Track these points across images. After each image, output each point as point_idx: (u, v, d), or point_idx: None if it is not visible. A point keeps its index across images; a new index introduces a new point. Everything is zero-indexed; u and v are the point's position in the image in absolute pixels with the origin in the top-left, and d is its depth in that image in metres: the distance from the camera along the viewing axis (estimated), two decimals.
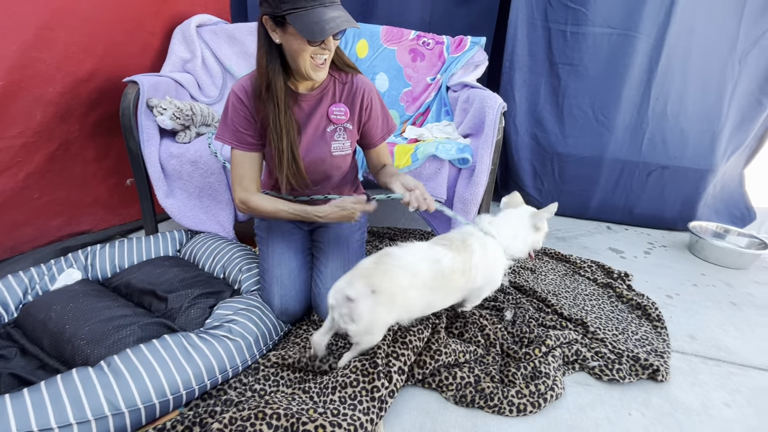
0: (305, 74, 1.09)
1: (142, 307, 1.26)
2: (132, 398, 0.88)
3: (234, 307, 1.19)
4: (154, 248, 1.55)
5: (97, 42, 1.64)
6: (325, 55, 1.07)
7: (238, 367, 1.07)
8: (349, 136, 1.27)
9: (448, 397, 1.07)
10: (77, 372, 0.89)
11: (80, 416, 0.82)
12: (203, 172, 1.61)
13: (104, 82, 1.70)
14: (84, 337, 1.05)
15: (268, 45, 1.07)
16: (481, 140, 1.65)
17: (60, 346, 1.07)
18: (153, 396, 0.90)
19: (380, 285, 0.97)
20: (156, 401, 0.91)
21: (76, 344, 1.04)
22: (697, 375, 1.22)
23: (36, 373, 1.02)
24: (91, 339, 1.05)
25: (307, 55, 1.04)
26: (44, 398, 0.82)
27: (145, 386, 0.90)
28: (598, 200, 2.37)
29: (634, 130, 2.18)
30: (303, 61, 1.05)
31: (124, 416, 0.87)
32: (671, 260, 1.99)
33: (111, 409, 0.85)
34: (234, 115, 1.17)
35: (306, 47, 1.02)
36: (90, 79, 1.65)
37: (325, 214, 1.15)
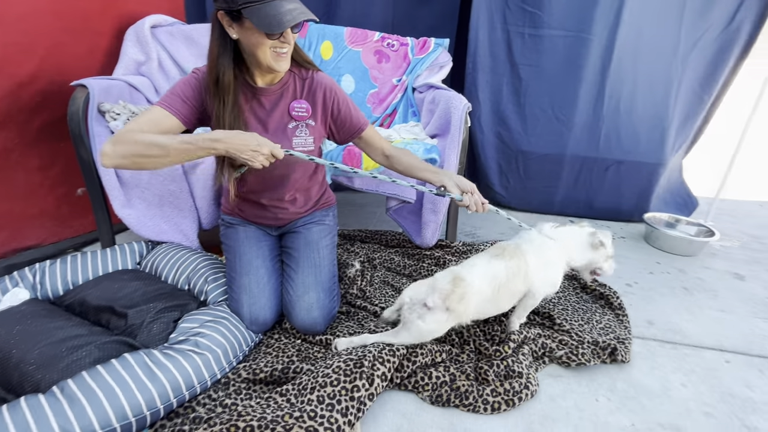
0: (267, 66, 1.07)
1: (100, 325, 1.19)
2: (89, 424, 0.82)
3: (200, 320, 1.14)
4: (112, 262, 1.46)
5: (37, 42, 1.54)
6: (285, 48, 1.06)
7: (206, 382, 1.03)
8: (311, 132, 1.25)
9: (424, 398, 1.08)
10: (26, 400, 0.82)
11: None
12: (163, 179, 1.54)
13: (48, 85, 1.59)
14: (33, 361, 0.97)
15: (221, 39, 1.05)
16: (448, 140, 1.67)
17: (6, 372, 0.98)
18: (113, 420, 0.85)
19: (455, 307, 1.09)
20: (117, 425, 0.85)
21: (25, 370, 0.96)
22: (656, 358, 1.29)
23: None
24: (41, 363, 0.97)
25: (266, 49, 1.03)
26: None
27: (103, 410, 0.84)
28: (561, 195, 2.46)
29: (591, 127, 2.28)
30: (263, 54, 1.04)
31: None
32: (629, 250, 2.10)
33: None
34: (184, 86, 1.11)
35: (264, 41, 1.01)
36: (31, 83, 1.54)
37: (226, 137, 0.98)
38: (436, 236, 1.79)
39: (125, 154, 0.97)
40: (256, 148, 1.01)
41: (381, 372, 1.04)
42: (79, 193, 1.82)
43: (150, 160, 0.98)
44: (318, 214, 1.44)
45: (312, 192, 1.41)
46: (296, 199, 1.36)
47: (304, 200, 1.39)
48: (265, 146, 1.02)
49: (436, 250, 1.84)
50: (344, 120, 1.28)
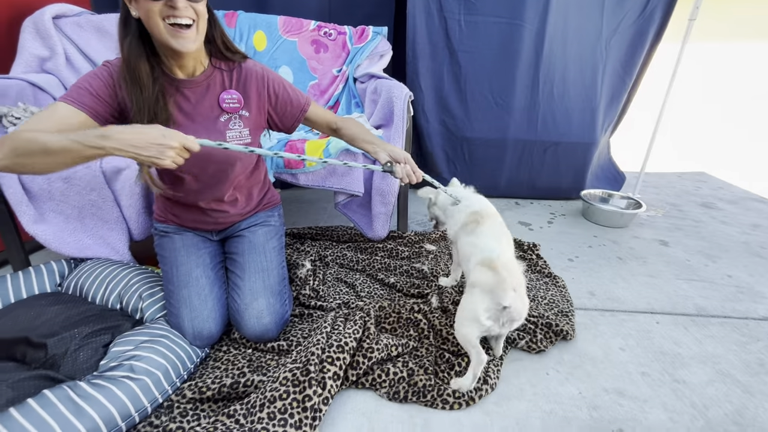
0: (164, 42, 0.95)
1: (14, 360, 1.05)
2: None
3: (135, 341, 1.04)
4: (26, 286, 1.29)
5: None
6: (179, 18, 0.92)
7: (146, 409, 0.94)
8: (246, 124, 1.16)
9: (382, 395, 1.07)
10: None
11: None
12: (80, 189, 1.38)
13: None
14: None
15: (126, 19, 0.96)
16: (392, 130, 1.66)
17: None
18: None
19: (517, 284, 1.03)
20: None
21: None
22: (597, 327, 1.37)
23: None
24: None
25: (157, 18, 0.91)
26: None
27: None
28: (505, 178, 2.55)
29: (529, 111, 2.37)
30: (156, 27, 0.92)
31: None
32: (570, 227, 2.23)
33: None
34: (92, 79, 0.98)
35: (152, 6, 0.90)
36: None
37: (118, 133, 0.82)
38: (387, 228, 1.78)
39: (6, 154, 0.81)
40: (161, 142, 0.84)
41: (332, 372, 1.01)
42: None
43: (32, 160, 0.81)
44: (262, 215, 1.36)
45: (254, 191, 1.33)
46: (237, 200, 1.28)
47: (246, 201, 1.31)
48: (173, 138, 0.85)
49: (388, 242, 1.84)
50: (284, 104, 1.21)
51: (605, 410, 1.05)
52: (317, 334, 1.13)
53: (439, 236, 1.97)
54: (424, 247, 1.83)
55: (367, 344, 1.14)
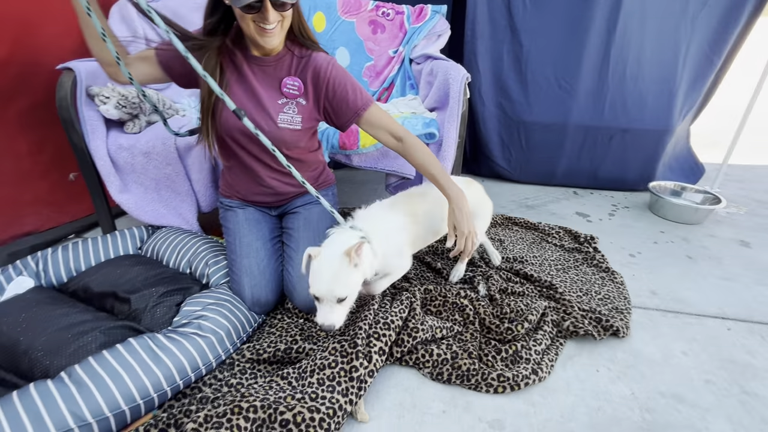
0: (251, 38, 1.07)
1: (104, 310, 1.20)
2: (98, 408, 0.84)
3: (202, 303, 1.15)
4: (113, 248, 1.46)
5: (6, 24, 1.48)
6: (268, 25, 1.03)
7: (211, 364, 1.04)
8: (300, 111, 1.21)
9: (425, 374, 1.09)
10: (35, 386, 0.84)
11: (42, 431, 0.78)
12: (158, 163, 1.52)
13: (21, 68, 1.54)
14: (41, 348, 0.99)
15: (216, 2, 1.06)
16: (447, 113, 1.63)
17: (15, 359, 1.00)
18: (121, 403, 0.87)
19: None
20: (125, 407, 0.88)
21: (33, 356, 0.98)
22: (657, 328, 1.29)
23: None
24: (49, 350, 0.99)
25: (248, 21, 1.03)
26: (0, 420, 0.77)
27: (111, 394, 0.86)
28: (564, 166, 2.42)
29: (596, 94, 2.21)
30: (246, 26, 1.04)
31: (91, 426, 0.83)
32: (633, 220, 2.08)
33: (76, 421, 0.81)
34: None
35: (244, 14, 1.01)
36: (4, 67, 1.49)
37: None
38: None
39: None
40: None
41: (378, 347, 1.05)
42: (71, 178, 1.80)
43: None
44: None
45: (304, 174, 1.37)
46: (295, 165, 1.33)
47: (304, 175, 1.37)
48: None
49: None
50: (340, 102, 1.21)
51: (660, 414, 0.99)
52: (365, 311, 1.18)
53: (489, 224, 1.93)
54: None
55: (413, 324, 1.17)
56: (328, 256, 1.02)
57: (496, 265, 1.56)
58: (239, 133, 1.19)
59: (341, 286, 1.00)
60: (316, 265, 1.01)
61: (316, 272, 1.00)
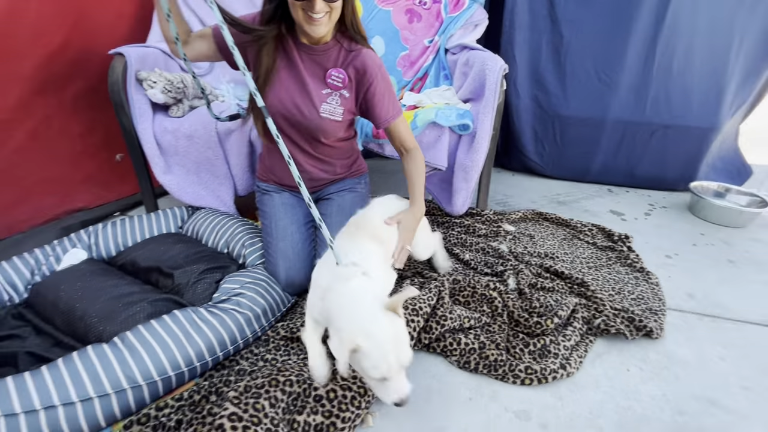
0: (300, 25, 1.10)
1: (149, 284, 1.28)
2: (148, 371, 0.91)
3: (240, 281, 1.21)
4: (156, 226, 1.54)
5: (66, 11, 1.56)
6: (316, 14, 1.05)
7: (248, 339, 1.10)
8: (343, 103, 1.24)
9: (452, 362, 1.11)
10: (93, 348, 0.91)
11: (100, 390, 0.85)
12: (199, 146, 1.58)
13: (78, 53, 1.63)
14: (95, 314, 1.07)
15: None
16: (482, 105, 1.61)
17: (72, 324, 1.09)
18: (168, 369, 0.93)
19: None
20: (171, 373, 0.94)
21: (89, 322, 1.06)
22: (693, 331, 1.26)
23: (52, 350, 1.05)
24: (102, 316, 1.07)
25: (298, 9, 1.06)
26: (63, 374, 0.84)
27: (159, 360, 0.93)
28: (599, 163, 2.35)
29: (638, 88, 2.12)
30: (296, 13, 1.08)
31: (142, 389, 0.90)
32: (671, 221, 2.00)
33: (129, 383, 0.88)
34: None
35: (294, 1, 1.04)
36: (63, 52, 1.58)
37: None
38: (467, 204, 1.77)
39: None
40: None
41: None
42: (118, 159, 1.90)
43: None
44: (350, 182, 1.45)
45: (336, 166, 1.40)
46: (328, 163, 1.36)
47: (337, 166, 1.40)
48: None
49: (466, 218, 1.83)
50: (372, 107, 1.26)
51: (693, 417, 0.98)
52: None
53: (519, 217, 1.91)
54: (503, 227, 1.79)
55: (441, 312, 1.18)
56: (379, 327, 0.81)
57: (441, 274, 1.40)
58: (281, 118, 1.23)
59: (407, 346, 0.82)
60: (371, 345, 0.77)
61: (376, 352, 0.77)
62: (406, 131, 1.31)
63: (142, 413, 0.88)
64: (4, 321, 1.15)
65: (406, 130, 1.31)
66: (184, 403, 0.92)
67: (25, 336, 1.10)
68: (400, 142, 1.31)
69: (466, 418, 0.96)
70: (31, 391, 0.80)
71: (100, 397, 0.84)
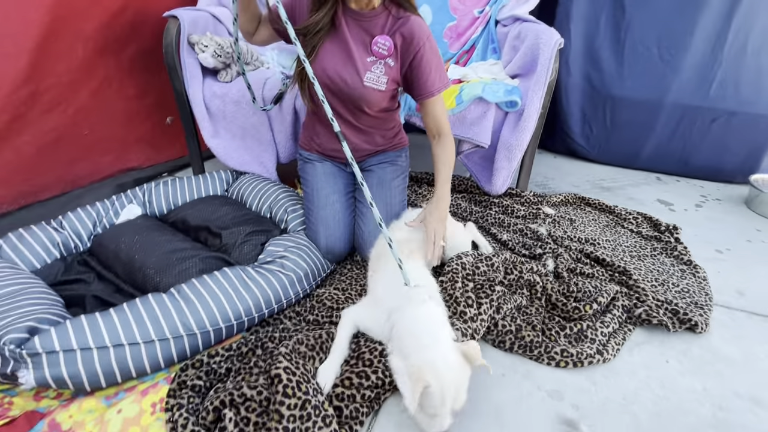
0: None
1: (198, 242, 1.35)
2: (202, 321, 0.97)
3: (284, 245, 1.25)
4: (204, 187, 1.61)
5: None
6: None
7: (291, 299, 1.15)
8: (387, 72, 1.22)
9: (487, 340, 1.12)
10: (153, 297, 0.99)
11: (160, 334, 0.92)
12: (246, 112, 1.61)
13: (134, 16, 1.68)
14: (152, 266, 1.15)
15: None
16: (533, 81, 1.55)
17: (132, 273, 1.17)
18: (219, 320, 1.00)
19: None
20: (222, 325, 1.00)
21: (146, 273, 1.14)
22: (741, 329, 1.21)
23: (114, 296, 1.14)
24: (158, 269, 1.14)
25: None
26: (129, 318, 0.92)
27: (212, 311, 0.99)
28: (650, 148, 2.22)
29: (704, 69, 1.96)
30: None
31: (196, 337, 0.97)
32: (725, 214, 1.89)
33: (185, 330, 0.95)
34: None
35: None
36: (121, 14, 1.63)
37: None
38: (507, 184, 1.73)
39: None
40: None
41: None
42: (168, 122, 1.98)
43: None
44: (391, 154, 1.45)
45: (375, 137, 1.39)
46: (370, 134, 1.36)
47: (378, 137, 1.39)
48: None
49: (504, 198, 1.80)
50: (416, 77, 1.22)
51: (734, 414, 0.96)
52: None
53: (560, 200, 1.86)
54: (542, 209, 1.75)
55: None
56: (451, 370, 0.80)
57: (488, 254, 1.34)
58: (324, 87, 1.21)
59: (465, 392, 0.81)
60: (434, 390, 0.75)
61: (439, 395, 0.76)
62: (443, 112, 1.27)
63: (196, 358, 0.95)
64: (72, 267, 1.25)
65: (444, 112, 1.27)
66: (232, 354, 0.99)
67: (90, 281, 1.20)
68: (435, 124, 1.27)
69: (498, 393, 0.98)
70: (102, 329, 0.88)
71: (161, 341, 0.92)
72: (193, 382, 0.91)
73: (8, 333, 0.84)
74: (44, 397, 0.90)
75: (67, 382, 0.84)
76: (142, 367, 0.91)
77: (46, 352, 0.83)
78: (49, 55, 1.44)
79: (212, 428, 0.82)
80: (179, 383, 0.90)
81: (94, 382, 0.86)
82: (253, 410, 0.83)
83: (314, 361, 0.96)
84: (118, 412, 0.83)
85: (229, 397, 0.84)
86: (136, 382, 0.92)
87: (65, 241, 1.29)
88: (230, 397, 0.84)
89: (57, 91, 1.51)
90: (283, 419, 0.78)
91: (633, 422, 0.93)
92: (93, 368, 0.85)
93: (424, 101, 1.25)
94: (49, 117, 1.51)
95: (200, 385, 0.91)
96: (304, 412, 0.80)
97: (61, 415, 0.84)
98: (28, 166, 1.50)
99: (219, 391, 0.87)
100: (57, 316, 0.94)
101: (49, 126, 1.52)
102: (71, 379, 0.84)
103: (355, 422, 0.86)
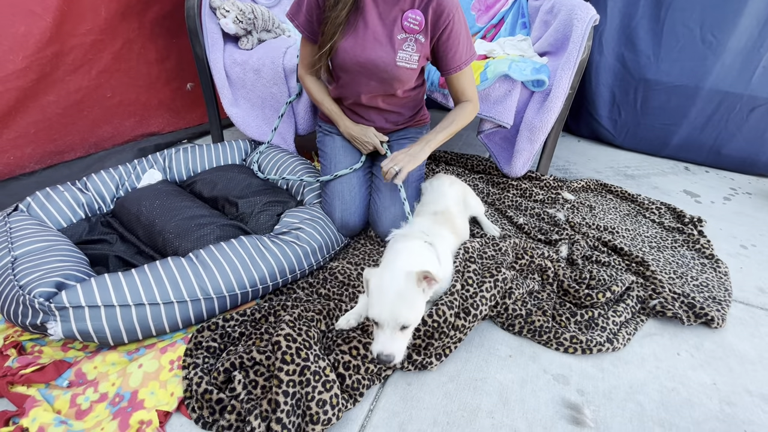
0: None
1: (216, 209, 1.37)
2: (218, 286, 1.00)
3: (300, 217, 1.26)
4: (222, 155, 1.62)
5: None
6: None
7: (305, 270, 1.17)
8: (419, 49, 1.18)
9: (496, 322, 1.13)
10: (172, 260, 1.02)
11: (179, 296, 0.95)
12: (266, 81, 1.60)
13: None
14: (172, 231, 1.18)
15: None
16: (563, 59, 1.48)
17: (152, 236, 1.21)
18: (235, 286, 1.03)
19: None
20: (238, 291, 1.03)
21: (166, 237, 1.17)
22: (759, 327, 1.18)
23: (135, 257, 1.18)
24: (177, 233, 1.17)
25: None
26: (149, 279, 0.95)
27: (228, 277, 1.02)
28: (681, 137, 2.13)
29: (749, 53, 1.84)
30: None
31: (213, 301, 1.00)
32: (754, 209, 1.82)
33: (202, 294, 0.98)
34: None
35: None
36: None
37: (345, 129, 1.35)
38: (527, 167, 1.69)
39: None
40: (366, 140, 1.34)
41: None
42: (189, 87, 1.98)
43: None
44: (412, 131, 1.43)
45: (403, 114, 1.37)
46: (392, 112, 1.34)
47: (400, 114, 1.37)
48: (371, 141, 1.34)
49: (523, 181, 1.76)
50: (445, 52, 1.19)
51: (742, 409, 0.95)
52: None
53: (580, 186, 1.81)
54: (561, 194, 1.72)
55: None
56: (394, 275, 0.88)
57: (496, 236, 1.41)
58: (354, 72, 1.22)
59: (407, 309, 0.84)
60: (378, 284, 0.86)
61: (378, 293, 0.85)
62: (470, 83, 1.25)
63: (211, 321, 0.99)
64: (95, 227, 1.29)
65: (471, 82, 1.26)
66: (246, 319, 1.02)
67: (113, 242, 1.24)
68: (462, 92, 1.26)
69: (503, 373, 1.00)
70: (124, 288, 0.92)
71: (179, 303, 0.95)
72: (208, 343, 0.95)
73: (38, 287, 0.88)
74: (71, 348, 0.95)
75: (92, 336, 0.89)
76: (161, 326, 0.94)
77: (73, 307, 0.87)
78: (73, 14, 1.44)
79: (223, 388, 0.86)
80: (195, 344, 0.94)
81: (117, 337, 0.91)
82: (261, 374, 0.87)
83: (320, 324, 0.98)
84: (139, 366, 0.87)
85: (239, 359, 0.87)
86: (156, 340, 0.97)
87: (90, 202, 1.32)
88: (240, 360, 0.87)
89: (81, 51, 1.52)
90: (282, 384, 0.81)
91: (637, 410, 0.93)
92: (116, 324, 0.89)
93: (450, 75, 1.22)
94: (74, 77, 1.53)
95: (215, 347, 0.95)
96: (303, 378, 0.82)
97: (86, 365, 0.89)
98: (53, 125, 1.53)
99: (231, 354, 0.90)
100: (83, 274, 0.98)
101: (74, 87, 1.54)
102: (96, 333, 0.88)
103: (355, 392, 0.89)
